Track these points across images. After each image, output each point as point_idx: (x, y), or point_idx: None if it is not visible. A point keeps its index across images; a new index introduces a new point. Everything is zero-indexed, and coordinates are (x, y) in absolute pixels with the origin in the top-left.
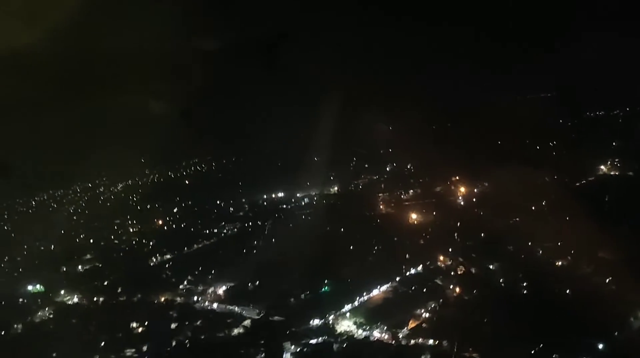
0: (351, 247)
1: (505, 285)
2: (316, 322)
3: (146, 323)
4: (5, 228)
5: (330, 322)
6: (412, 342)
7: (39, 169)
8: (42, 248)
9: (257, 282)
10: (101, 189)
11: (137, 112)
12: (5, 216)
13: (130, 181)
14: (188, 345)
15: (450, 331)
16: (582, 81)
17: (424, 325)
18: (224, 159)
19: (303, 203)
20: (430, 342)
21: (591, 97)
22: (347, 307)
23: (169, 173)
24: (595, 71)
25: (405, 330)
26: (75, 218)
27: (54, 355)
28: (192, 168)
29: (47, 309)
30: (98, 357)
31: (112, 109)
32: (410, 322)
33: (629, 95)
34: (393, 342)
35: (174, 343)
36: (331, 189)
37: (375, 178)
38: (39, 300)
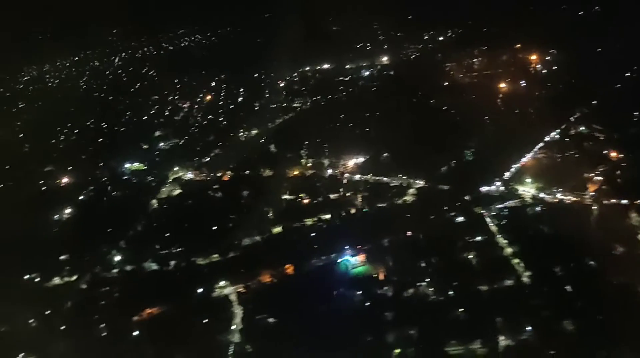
0: (457, 118)
1: None
2: (486, 188)
3: (301, 195)
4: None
5: (503, 188)
6: (605, 203)
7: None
8: (105, 126)
9: (386, 154)
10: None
11: None
12: None
13: (130, 54)
14: (367, 212)
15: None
16: None
17: (604, 187)
18: (228, 28)
19: (362, 75)
20: (624, 201)
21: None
22: (507, 174)
23: (171, 42)
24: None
25: (588, 193)
26: (107, 93)
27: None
28: (196, 40)
29: (168, 185)
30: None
31: None
32: (589, 185)
33: None
34: (590, 203)
35: (352, 211)
36: (382, 60)
37: (420, 47)
38: (151, 177)
